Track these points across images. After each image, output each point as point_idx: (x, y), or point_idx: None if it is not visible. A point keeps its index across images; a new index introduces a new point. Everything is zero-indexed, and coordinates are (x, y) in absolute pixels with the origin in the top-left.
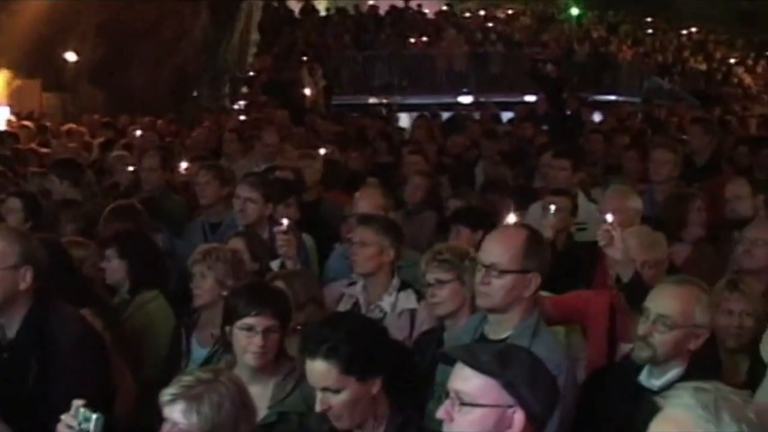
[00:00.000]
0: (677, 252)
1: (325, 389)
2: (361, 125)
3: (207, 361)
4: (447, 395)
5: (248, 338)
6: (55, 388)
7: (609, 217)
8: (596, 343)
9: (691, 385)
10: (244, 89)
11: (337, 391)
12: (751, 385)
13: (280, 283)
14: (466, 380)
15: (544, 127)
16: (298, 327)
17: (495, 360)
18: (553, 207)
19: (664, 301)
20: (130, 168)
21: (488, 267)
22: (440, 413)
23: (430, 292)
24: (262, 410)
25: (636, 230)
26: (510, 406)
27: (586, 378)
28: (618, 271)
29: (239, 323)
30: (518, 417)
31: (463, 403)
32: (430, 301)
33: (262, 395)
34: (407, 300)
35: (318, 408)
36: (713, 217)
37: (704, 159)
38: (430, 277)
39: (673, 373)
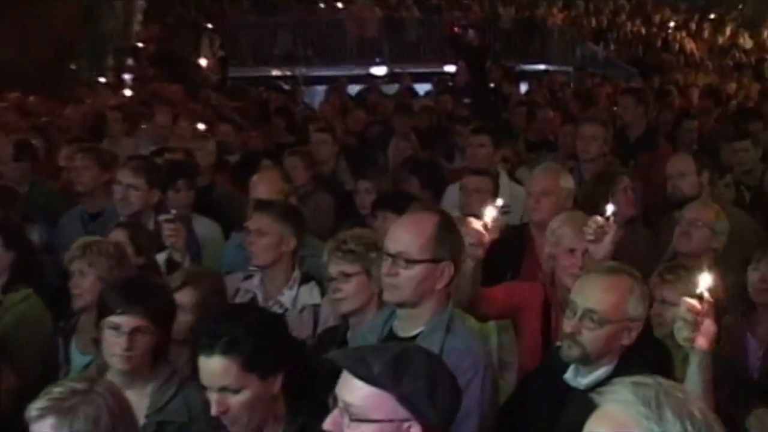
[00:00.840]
0: None
1: (223, 389)
2: (263, 100)
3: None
4: (335, 402)
5: (114, 339)
6: None
7: (610, 209)
8: (529, 342)
9: (629, 380)
10: (130, 61)
11: (236, 391)
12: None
13: (187, 291)
14: (355, 392)
15: (466, 101)
16: None
17: (389, 370)
18: (500, 200)
19: (592, 293)
20: None
21: (395, 256)
22: (328, 424)
23: (334, 286)
24: (138, 420)
25: (569, 215)
26: (405, 420)
27: (518, 382)
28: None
29: (106, 321)
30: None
31: (354, 419)
32: (333, 297)
33: (138, 403)
34: (310, 295)
35: (214, 411)
36: (649, 196)
37: (638, 133)
38: (334, 269)
39: (602, 370)
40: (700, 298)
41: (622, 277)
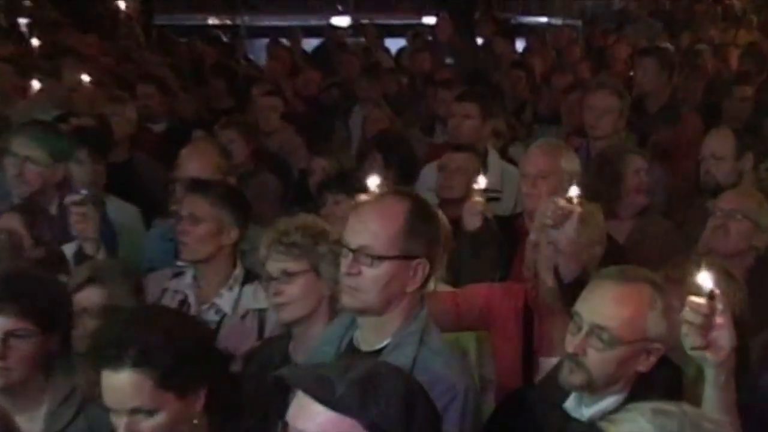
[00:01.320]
0: (614, 231)
1: (134, 411)
2: (196, 56)
3: None
4: (285, 430)
5: None
6: None
7: (574, 190)
8: (506, 357)
9: (648, 407)
10: (27, 2)
11: (150, 413)
12: None
13: (94, 290)
14: (313, 419)
15: (448, 60)
16: None
17: (355, 392)
18: (482, 179)
19: (601, 306)
20: None
21: (357, 251)
22: None
23: (274, 288)
24: None
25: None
26: None
27: (496, 405)
28: (559, 265)
29: None
30: None
31: None
32: (273, 301)
33: (30, 430)
34: (254, 297)
35: None
36: (673, 182)
37: (659, 103)
38: (273, 267)
39: (611, 400)
40: (710, 297)
41: (640, 286)
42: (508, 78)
